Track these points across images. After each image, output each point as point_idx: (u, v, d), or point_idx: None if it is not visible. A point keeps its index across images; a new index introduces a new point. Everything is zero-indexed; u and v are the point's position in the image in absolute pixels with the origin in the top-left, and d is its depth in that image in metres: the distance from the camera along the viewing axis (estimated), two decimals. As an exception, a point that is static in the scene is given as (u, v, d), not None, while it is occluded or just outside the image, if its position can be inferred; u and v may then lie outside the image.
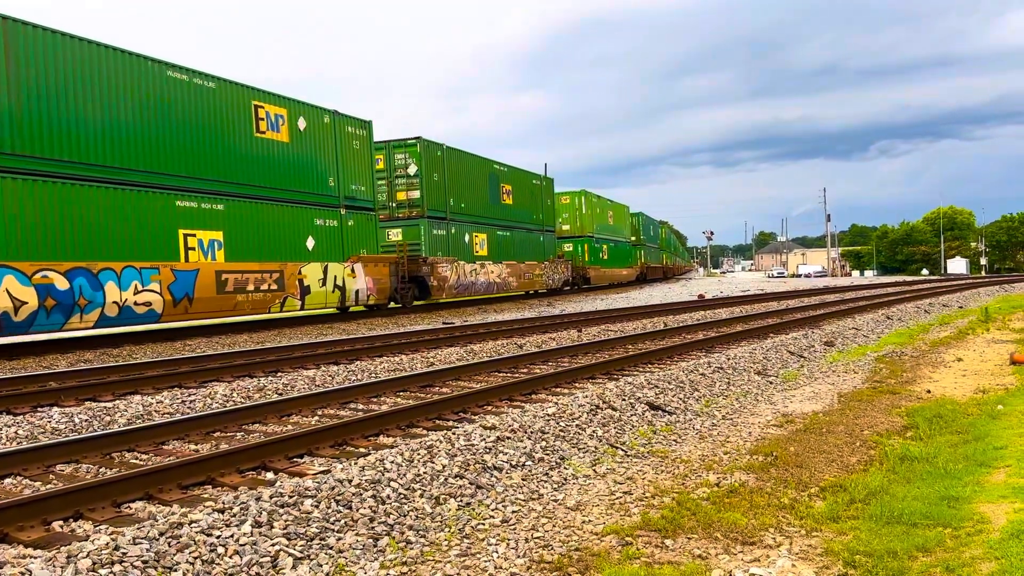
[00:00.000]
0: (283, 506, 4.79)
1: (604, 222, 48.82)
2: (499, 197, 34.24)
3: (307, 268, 21.39)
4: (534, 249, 37.69)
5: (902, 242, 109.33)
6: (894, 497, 5.19)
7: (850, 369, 11.41)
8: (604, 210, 49.36)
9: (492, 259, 32.73)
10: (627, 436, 7.19)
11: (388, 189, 28.16)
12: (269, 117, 20.70)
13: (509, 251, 34.70)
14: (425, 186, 28.02)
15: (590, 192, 46.46)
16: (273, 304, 20.07)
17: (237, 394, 9.44)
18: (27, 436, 7.42)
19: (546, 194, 40.30)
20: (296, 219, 21.38)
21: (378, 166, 27.12)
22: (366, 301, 24.13)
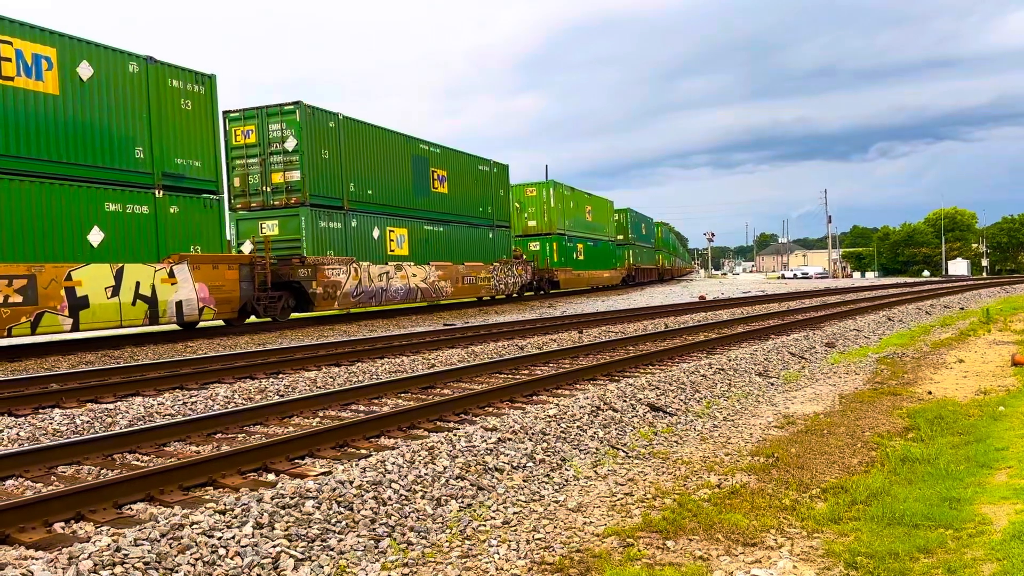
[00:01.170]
0: (284, 507, 4.79)
1: (579, 218, 43.49)
2: (428, 184, 28.17)
3: (83, 272, 15.47)
4: (481, 248, 31.71)
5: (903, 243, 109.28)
6: (895, 498, 5.19)
7: (851, 370, 11.40)
8: (579, 204, 43.94)
9: (416, 260, 26.80)
10: (628, 437, 7.19)
11: (263, 169, 22.41)
12: (22, 58, 14.94)
13: (442, 250, 28.70)
14: (308, 166, 22.17)
15: (561, 184, 40.80)
16: (17, 324, 14.20)
17: (239, 396, 9.44)
18: (28, 438, 7.42)
19: (498, 183, 34.00)
20: (70, 202, 15.66)
21: (248, 139, 22.36)
22: (196, 316, 18.04)
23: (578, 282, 42.43)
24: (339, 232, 23.40)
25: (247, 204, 22.69)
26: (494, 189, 33.59)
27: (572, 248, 41.49)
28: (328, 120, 23.31)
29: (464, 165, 31.12)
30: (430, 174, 28.47)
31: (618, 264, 51.64)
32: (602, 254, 47.69)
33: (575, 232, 42.24)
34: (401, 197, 26.65)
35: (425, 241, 27.81)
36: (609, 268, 48.67)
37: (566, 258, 40.57)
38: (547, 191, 39.56)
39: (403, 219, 26.71)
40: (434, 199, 28.61)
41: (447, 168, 29.62)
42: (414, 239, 27.13)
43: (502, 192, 34.66)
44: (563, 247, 40.13)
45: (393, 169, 26.29)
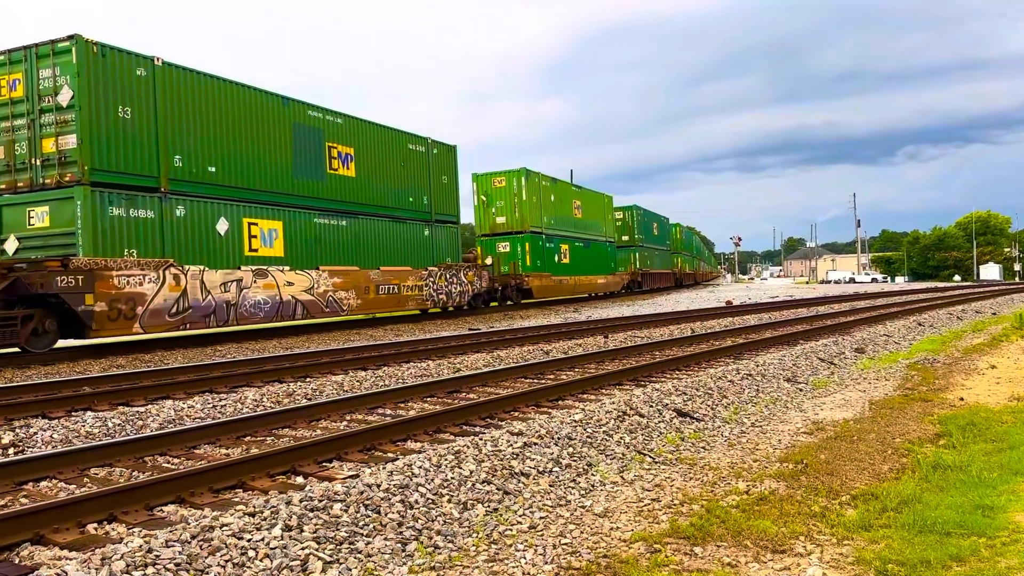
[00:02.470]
0: (313, 510, 4.82)
1: (565, 215, 37.50)
2: (322, 164, 21.94)
3: None
4: (409, 249, 25.53)
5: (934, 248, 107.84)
6: (927, 506, 5.12)
7: (881, 376, 11.27)
8: (565, 199, 37.91)
9: (296, 263, 20.47)
10: (655, 443, 7.16)
11: (32, 134, 16.10)
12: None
13: (343, 251, 22.42)
14: (91, 127, 15.87)
15: (537, 173, 34.61)
16: None
17: (267, 399, 9.53)
18: (62, 440, 7.54)
19: (439, 168, 27.57)
20: None
21: (14, 92, 16.18)
22: None
23: (559, 289, 36.18)
24: (150, 224, 16.97)
25: (12, 184, 16.42)
26: (433, 175, 27.05)
27: (553, 250, 35.67)
28: (133, 65, 16.84)
29: (382, 142, 24.63)
30: (325, 151, 22.11)
31: (619, 268, 46.18)
32: (596, 257, 41.65)
33: (558, 231, 36.50)
34: (273, 179, 20.18)
35: (314, 239, 21.32)
36: (605, 273, 42.93)
37: (544, 261, 34.52)
38: (518, 181, 33.22)
39: (275, 208, 20.16)
40: (332, 184, 22.28)
41: (354, 144, 23.24)
42: (294, 236, 20.61)
43: (445, 179, 27.99)
44: (539, 248, 34.13)
45: (259, 141, 19.79)
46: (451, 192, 28.67)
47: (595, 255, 41.46)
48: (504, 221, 33.58)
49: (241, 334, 20.40)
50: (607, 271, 43.36)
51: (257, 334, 20.46)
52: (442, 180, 27.91)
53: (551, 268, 35.27)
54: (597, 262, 41.77)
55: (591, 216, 41.30)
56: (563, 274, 36.61)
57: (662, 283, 56.93)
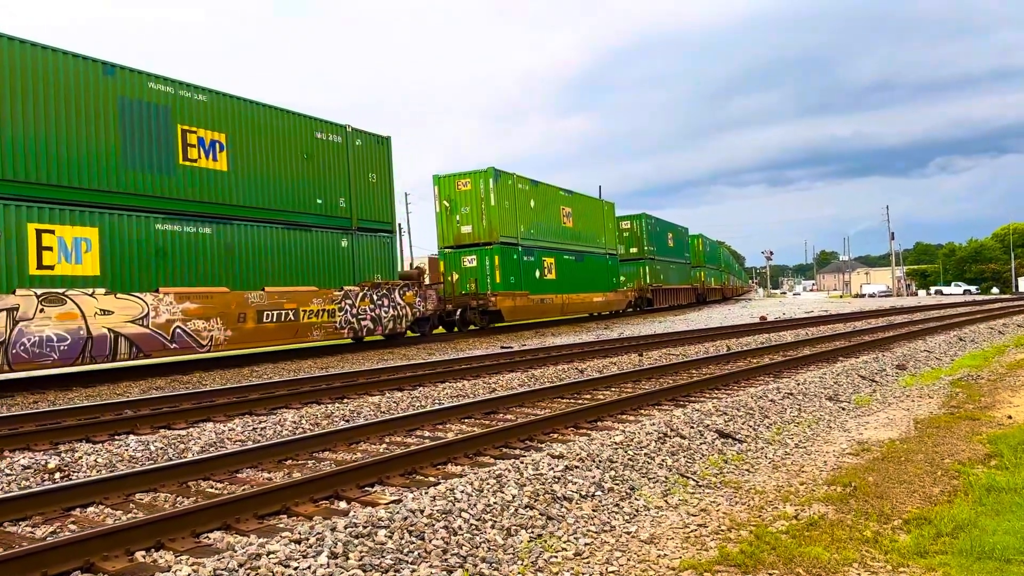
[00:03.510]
0: (358, 536, 4.81)
1: (549, 223, 32.80)
2: (170, 153, 17.21)
3: None
4: (320, 265, 20.60)
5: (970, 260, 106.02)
6: (983, 531, 4.99)
7: (924, 394, 11.05)
8: (549, 205, 32.94)
9: (119, 285, 15.78)
10: (697, 465, 7.06)
11: None
12: None
13: (207, 268, 17.72)
14: None
15: (510, 174, 29.69)
16: None
17: (306, 421, 9.57)
18: (106, 464, 7.62)
19: (365, 163, 22.61)
20: None
21: None
22: None
23: (540, 310, 31.08)
24: None
25: None
26: (354, 172, 22.16)
27: (532, 264, 30.61)
28: None
29: (274, 128, 19.65)
30: (177, 136, 17.33)
31: (624, 284, 41.63)
32: (592, 272, 36.83)
33: (540, 242, 31.70)
34: (84, 171, 15.50)
35: (157, 252, 16.68)
36: (605, 290, 38.01)
37: (520, 277, 29.47)
38: (485, 183, 28.34)
39: (87, 210, 15.40)
40: (187, 179, 17.50)
41: (226, 129, 18.50)
42: (119, 247, 15.93)
43: (374, 178, 22.94)
44: (513, 262, 29.15)
45: (63, 120, 15.18)
46: (383, 194, 23.22)
47: (591, 270, 36.69)
48: (470, 231, 28.72)
49: (277, 354, 20.47)
50: (607, 287, 38.48)
51: (292, 354, 20.55)
52: (368, 179, 22.72)
53: (530, 285, 30.28)
54: (593, 277, 36.90)
55: (585, 225, 36.69)
56: (546, 292, 31.59)
57: (681, 299, 52.08)
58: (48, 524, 5.58)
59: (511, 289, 28.77)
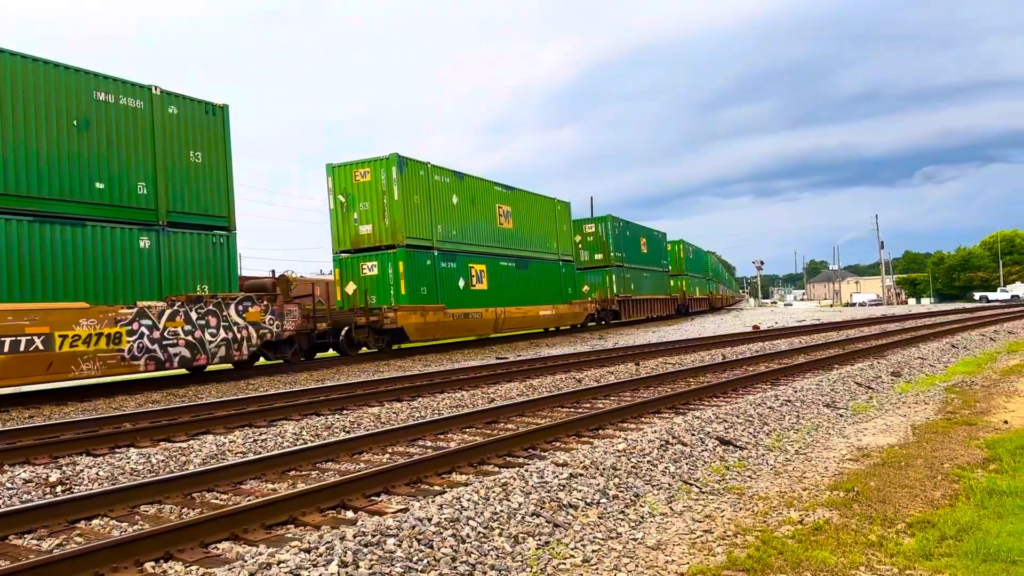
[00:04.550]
0: (367, 545, 4.82)
1: (478, 224, 27.77)
2: None
3: None
4: (97, 272, 15.41)
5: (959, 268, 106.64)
6: (987, 533, 5.04)
7: (920, 400, 11.13)
8: (479, 203, 27.91)
9: None
10: (700, 472, 7.10)
11: None
12: None
13: None
14: None
15: (419, 161, 24.82)
16: None
17: (306, 432, 9.57)
18: (108, 477, 7.60)
19: (185, 137, 17.41)
20: None
21: None
22: None
23: (461, 327, 25.88)
24: None
25: None
26: (165, 149, 16.90)
27: (453, 272, 25.75)
28: None
29: (21, 83, 14.46)
30: None
31: (584, 294, 37.37)
32: (539, 281, 31.57)
33: (465, 245, 26.81)
34: None
35: None
36: (554, 302, 32.72)
37: (434, 288, 24.55)
38: (387, 174, 23.55)
39: None
40: None
41: None
42: None
43: (198, 157, 17.65)
44: (423, 269, 24.25)
45: None
46: (214, 180, 17.98)
47: (538, 279, 31.45)
48: (370, 231, 23.85)
49: (270, 368, 20.45)
50: (559, 299, 33.27)
51: (285, 368, 20.52)
52: (190, 158, 17.43)
53: (450, 298, 25.37)
54: (541, 288, 31.67)
55: (530, 227, 31.43)
56: (474, 305, 26.57)
57: (656, 311, 47.04)
58: (54, 537, 5.57)
59: (422, 302, 23.88)
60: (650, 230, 48.75)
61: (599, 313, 38.66)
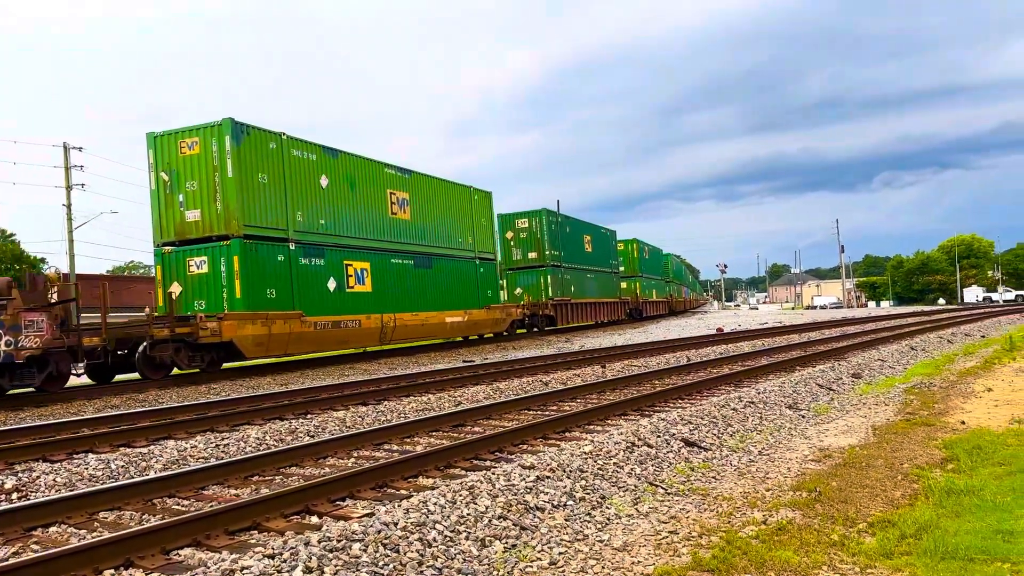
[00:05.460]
0: (332, 551, 4.78)
1: (360, 211, 22.98)
2: None
3: None
4: None
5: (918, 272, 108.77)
6: (946, 532, 5.13)
7: (880, 401, 11.32)
8: (360, 186, 23.14)
9: None
10: (665, 473, 7.15)
11: None
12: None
13: None
14: None
15: (270, 132, 19.96)
16: None
17: (270, 437, 9.46)
18: (66, 483, 7.45)
19: None
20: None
21: None
22: None
23: (328, 339, 21.09)
24: None
25: None
26: None
27: (320, 270, 21.05)
28: None
29: None
30: None
31: (514, 297, 34.60)
32: (447, 282, 27.13)
33: (339, 237, 22.03)
34: None
35: None
36: (467, 306, 28.05)
37: (289, 290, 19.82)
38: (220, 145, 18.66)
39: None
40: None
41: None
42: None
43: None
44: (273, 267, 19.48)
45: None
46: None
47: (444, 279, 26.99)
48: (198, 218, 18.99)
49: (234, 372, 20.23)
50: (473, 303, 28.69)
51: (251, 371, 20.30)
52: None
53: (314, 303, 20.52)
54: (449, 290, 27.26)
55: (436, 219, 26.94)
56: (350, 311, 21.77)
57: (602, 316, 42.98)
58: (9, 545, 5.44)
59: (269, 308, 18.98)
60: (596, 227, 44.56)
61: (530, 319, 34.51)
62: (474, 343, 29.12)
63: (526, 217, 36.48)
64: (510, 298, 34.94)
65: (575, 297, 38.56)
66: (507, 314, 31.53)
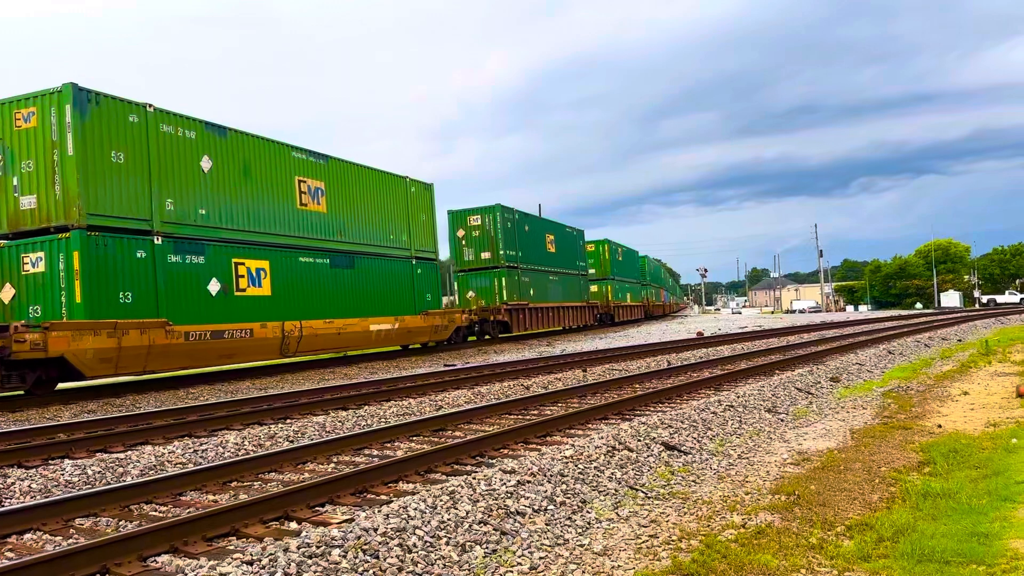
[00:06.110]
0: (311, 557, 4.75)
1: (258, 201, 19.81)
2: None
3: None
4: None
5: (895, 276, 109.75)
6: (923, 534, 5.18)
7: (858, 405, 11.41)
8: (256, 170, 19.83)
9: None
10: (646, 478, 7.17)
11: None
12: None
13: None
14: None
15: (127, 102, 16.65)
16: None
17: (248, 442, 9.39)
18: (41, 490, 7.35)
19: None
20: None
21: None
22: None
23: (213, 353, 17.88)
24: None
25: None
26: None
27: (198, 269, 17.93)
28: None
29: None
30: None
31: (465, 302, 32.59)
32: (373, 285, 23.91)
33: (228, 231, 18.87)
34: None
35: None
36: (397, 312, 24.77)
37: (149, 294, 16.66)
38: (56, 116, 15.63)
39: None
40: None
41: None
42: None
43: None
44: (129, 265, 16.38)
45: None
46: None
47: (370, 282, 23.79)
48: (34, 205, 15.92)
49: (213, 376, 20.07)
50: (408, 308, 25.58)
51: (229, 375, 20.16)
52: None
53: (189, 309, 17.45)
54: (377, 294, 24.07)
55: (361, 213, 23.73)
56: (240, 319, 18.57)
57: (568, 321, 39.86)
58: (-17, 553, 5.36)
59: (122, 316, 15.86)
60: (561, 226, 41.42)
61: (481, 325, 31.69)
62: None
63: (478, 214, 33.41)
64: (461, 302, 32.55)
65: (535, 301, 35.60)
66: (450, 320, 28.30)
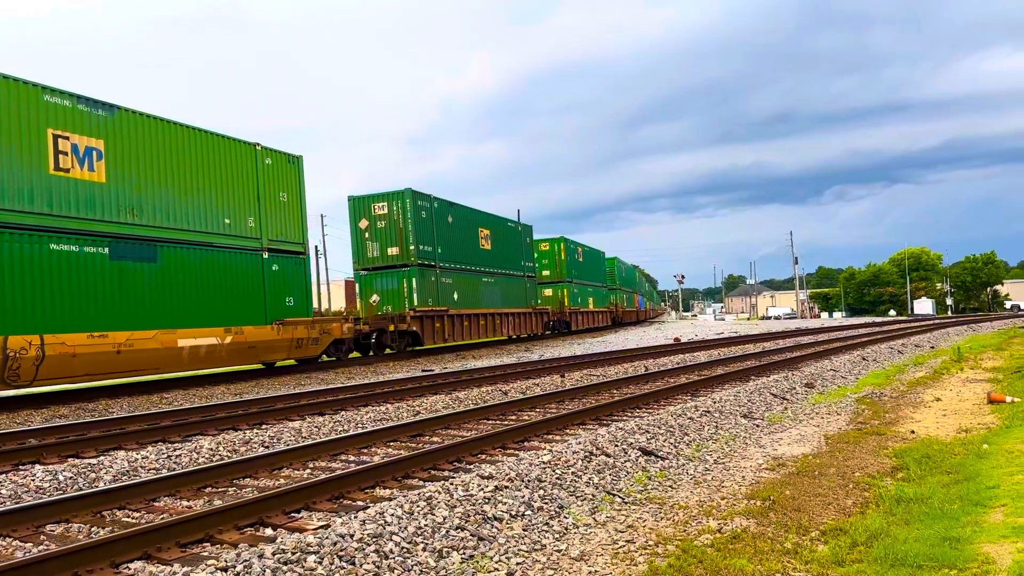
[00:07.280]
0: (286, 563, 4.72)
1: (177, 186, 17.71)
2: None
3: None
4: None
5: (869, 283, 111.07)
6: (895, 539, 5.23)
7: (833, 411, 11.51)
8: None
9: None
10: (623, 483, 7.18)
11: None
12: None
13: None
14: None
15: None
16: None
17: (223, 448, 9.30)
18: (11, 496, 7.24)
19: None
20: None
21: None
22: None
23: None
24: None
25: None
26: None
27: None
28: None
29: None
30: None
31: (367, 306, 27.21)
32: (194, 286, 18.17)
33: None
34: None
35: None
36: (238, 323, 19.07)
37: None
38: None
39: None
40: None
41: None
42: None
43: None
44: None
45: None
46: None
47: (183, 279, 17.87)
48: None
49: (187, 380, 19.87)
50: (249, 317, 19.61)
51: (203, 380, 19.97)
52: None
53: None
54: (193, 296, 18.08)
55: (174, 187, 17.85)
56: None
57: (508, 329, 34.61)
58: (-50, 560, 5.26)
59: None
60: (501, 220, 35.72)
61: (377, 336, 26.28)
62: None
63: (384, 200, 27.69)
64: (364, 309, 27.19)
65: (460, 307, 30.25)
66: (322, 331, 22.27)
